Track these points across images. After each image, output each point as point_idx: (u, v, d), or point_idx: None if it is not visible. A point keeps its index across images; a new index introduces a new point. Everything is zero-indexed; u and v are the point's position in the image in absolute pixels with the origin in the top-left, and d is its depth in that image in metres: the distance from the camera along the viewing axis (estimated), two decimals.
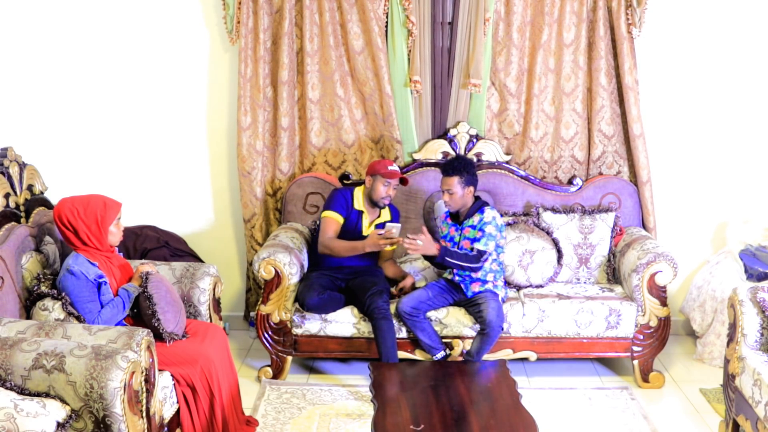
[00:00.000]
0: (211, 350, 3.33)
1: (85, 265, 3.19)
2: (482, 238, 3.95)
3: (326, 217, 4.21)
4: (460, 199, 4.02)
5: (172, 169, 4.80)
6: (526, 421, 2.90)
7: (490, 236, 3.96)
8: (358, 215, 4.24)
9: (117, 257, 3.43)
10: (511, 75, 4.61)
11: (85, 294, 3.16)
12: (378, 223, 4.26)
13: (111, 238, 3.29)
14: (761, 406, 3.04)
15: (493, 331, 3.88)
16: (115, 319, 3.20)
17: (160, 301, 3.25)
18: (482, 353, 3.94)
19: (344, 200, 4.23)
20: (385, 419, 2.92)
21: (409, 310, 3.98)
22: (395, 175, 4.13)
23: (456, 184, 3.99)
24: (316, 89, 4.62)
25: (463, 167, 4.00)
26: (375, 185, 4.17)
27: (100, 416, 2.61)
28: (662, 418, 3.85)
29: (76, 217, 3.20)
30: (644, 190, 4.64)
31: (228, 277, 4.87)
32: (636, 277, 4.11)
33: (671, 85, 4.67)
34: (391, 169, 4.12)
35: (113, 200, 3.32)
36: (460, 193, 4.00)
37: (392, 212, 4.35)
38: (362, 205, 4.24)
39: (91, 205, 3.22)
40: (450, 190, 4.00)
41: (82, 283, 3.16)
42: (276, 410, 3.87)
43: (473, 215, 4.03)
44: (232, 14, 4.48)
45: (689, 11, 4.57)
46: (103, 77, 4.69)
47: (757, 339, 3.31)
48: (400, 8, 4.49)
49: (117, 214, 3.29)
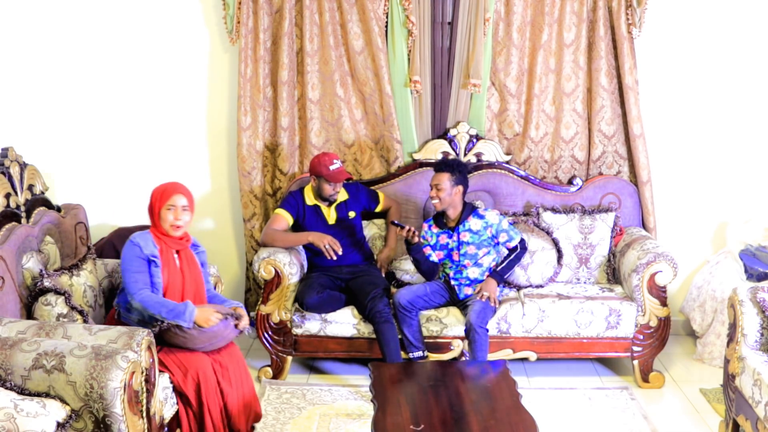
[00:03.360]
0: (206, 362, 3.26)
1: (145, 239, 3.31)
2: (509, 232, 4.08)
3: (276, 214, 4.26)
4: (447, 197, 4.01)
5: (172, 169, 4.79)
6: (526, 421, 2.90)
7: (511, 227, 4.10)
8: (314, 209, 4.25)
9: (187, 250, 3.46)
10: (511, 75, 4.61)
11: (135, 264, 3.25)
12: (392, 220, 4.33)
13: (164, 225, 3.35)
14: (761, 406, 3.04)
15: (474, 333, 3.85)
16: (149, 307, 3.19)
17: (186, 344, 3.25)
18: (477, 355, 3.87)
19: (294, 200, 4.27)
20: (385, 419, 2.92)
21: (405, 304, 4.00)
22: (340, 178, 4.13)
23: (446, 181, 3.99)
24: (316, 89, 4.62)
25: (456, 166, 4.03)
26: (321, 185, 4.19)
27: (100, 416, 2.61)
28: (662, 418, 3.85)
29: (151, 195, 3.40)
30: (644, 190, 4.64)
31: (228, 277, 4.87)
32: (636, 277, 4.11)
33: (671, 85, 4.67)
34: (334, 170, 4.11)
35: (178, 187, 3.41)
36: (448, 191, 4.00)
37: (350, 192, 4.34)
38: (314, 200, 4.26)
39: (158, 189, 3.41)
40: (439, 185, 4.00)
41: (136, 252, 3.27)
42: (276, 410, 3.87)
43: (467, 219, 4.03)
44: (232, 14, 4.49)
45: (689, 11, 4.57)
46: (103, 77, 4.69)
47: (757, 339, 3.31)
48: (400, 8, 4.49)
49: (168, 200, 3.35)
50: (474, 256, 4.06)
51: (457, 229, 4.06)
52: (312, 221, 4.24)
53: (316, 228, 4.23)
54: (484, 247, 4.07)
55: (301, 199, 4.27)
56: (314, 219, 4.25)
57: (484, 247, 4.07)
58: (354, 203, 4.33)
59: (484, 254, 4.08)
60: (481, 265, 4.09)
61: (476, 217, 4.03)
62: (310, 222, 4.24)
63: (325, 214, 4.26)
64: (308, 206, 4.26)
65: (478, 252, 4.06)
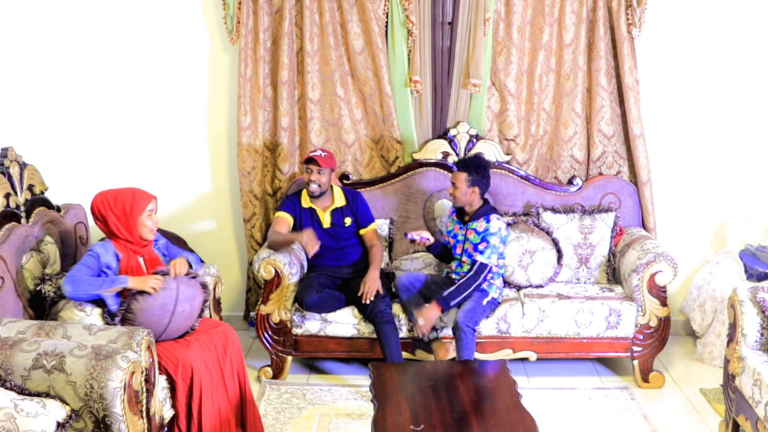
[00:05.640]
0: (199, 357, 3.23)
1: (108, 251, 3.27)
2: (486, 250, 3.95)
3: (276, 217, 4.25)
4: (462, 196, 4.03)
5: (172, 168, 4.80)
6: (526, 421, 2.90)
7: (494, 248, 3.96)
8: (310, 212, 4.25)
9: (150, 251, 3.42)
10: (511, 75, 4.61)
11: (87, 261, 3.21)
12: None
13: (142, 230, 3.32)
14: (761, 406, 3.04)
15: (461, 332, 3.86)
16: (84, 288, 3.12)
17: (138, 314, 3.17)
18: (462, 354, 3.86)
19: (291, 202, 4.27)
20: (385, 419, 2.92)
21: (406, 284, 4.12)
22: (310, 161, 4.12)
23: (463, 180, 4.01)
24: (316, 89, 4.62)
25: (475, 167, 4.02)
26: (303, 176, 4.23)
27: (100, 416, 2.61)
28: (662, 418, 3.85)
29: (107, 208, 3.29)
30: (644, 190, 4.64)
31: (228, 277, 4.87)
32: (636, 277, 4.11)
33: (671, 85, 4.67)
34: (311, 154, 4.13)
35: (144, 192, 3.36)
36: (463, 190, 4.01)
37: (348, 198, 4.32)
38: (309, 202, 4.26)
39: (121, 196, 3.31)
40: (456, 183, 4.04)
41: (93, 259, 3.23)
42: (276, 410, 3.87)
43: (479, 219, 4.03)
44: (232, 14, 4.49)
45: (689, 11, 4.57)
46: (103, 77, 4.69)
47: (757, 339, 3.31)
48: (400, 8, 4.49)
49: (146, 205, 3.32)
50: (472, 255, 4.06)
51: (467, 224, 4.08)
52: (307, 224, 4.23)
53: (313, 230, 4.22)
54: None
55: (297, 201, 4.27)
56: (309, 222, 4.24)
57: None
58: (349, 211, 4.30)
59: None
60: None
61: (485, 220, 4.02)
62: (306, 225, 4.23)
63: (320, 217, 4.25)
64: (304, 209, 4.25)
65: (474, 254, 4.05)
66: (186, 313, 3.26)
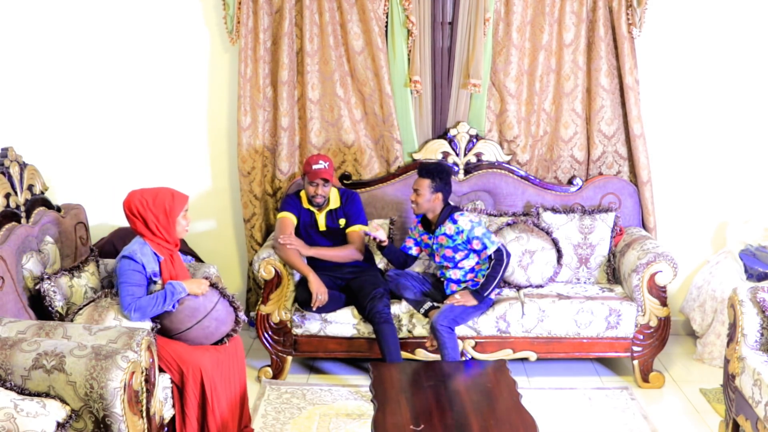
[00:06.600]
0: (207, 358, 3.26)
1: (148, 255, 3.24)
2: (483, 242, 3.94)
3: (280, 218, 4.20)
4: (425, 202, 4.01)
5: (172, 169, 4.79)
6: (526, 421, 2.90)
7: (485, 234, 3.96)
8: (310, 213, 4.23)
9: (179, 258, 3.45)
10: (510, 75, 4.61)
11: (136, 278, 3.18)
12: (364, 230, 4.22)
13: (179, 229, 3.34)
14: (761, 406, 3.04)
15: (436, 332, 3.87)
16: (150, 310, 3.14)
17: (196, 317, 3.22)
18: (443, 353, 3.86)
19: (292, 201, 4.24)
20: (385, 419, 2.92)
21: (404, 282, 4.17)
22: (316, 176, 4.08)
23: (426, 187, 3.99)
24: (316, 89, 4.62)
25: (438, 173, 3.99)
26: (305, 186, 4.17)
27: (100, 416, 2.61)
28: (662, 418, 3.85)
29: (146, 207, 3.27)
30: (644, 190, 4.64)
31: (228, 277, 4.87)
32: (636, 277, 4.11)
33: (671, 85, 4.67)
34: (315, 168, 4.07)
35: (181, 192, 3.38)
36: (426, 197, 3.99)
37: (342, 198, 4.28)
38: (307, 204, 4.24)
39: (160, 196, 3.30)
40: (419, 190, 4.00)
41: (140, 275, 3.19)
42: (276, 410, 3.87)
43: (444, 223, 4.02)
44: (232, 14, 4.49)
45: (689, 11, 4.57)
46: (103, 77, 4.69)
47: (757, 339, 3.31)
48: (400, 8, 4.49)
49: (185, 205, 3.34)
50: (452, 258, 4.05)
51: (435, 233, 4.07)
52: (307, 224, 4.22)
53: (308, 232, 4.21)
54: (460, 251, 4.02)
55: (298, 201, 4.26)
56: (308, 223, 4.23)
57: (460, 251, 4.02)
58: (342, 212, 4.26)
59: (462, 257, 4.04)
60: (462, 268, 4.07)
61: (451, 221, 4.00)
62: (305, 225, 4.22)
63: (317, 219, 4.24)
64: (303, 209, 4.25)
65: (455, 255, 4.04)
66: (208, 330, 3.28)
